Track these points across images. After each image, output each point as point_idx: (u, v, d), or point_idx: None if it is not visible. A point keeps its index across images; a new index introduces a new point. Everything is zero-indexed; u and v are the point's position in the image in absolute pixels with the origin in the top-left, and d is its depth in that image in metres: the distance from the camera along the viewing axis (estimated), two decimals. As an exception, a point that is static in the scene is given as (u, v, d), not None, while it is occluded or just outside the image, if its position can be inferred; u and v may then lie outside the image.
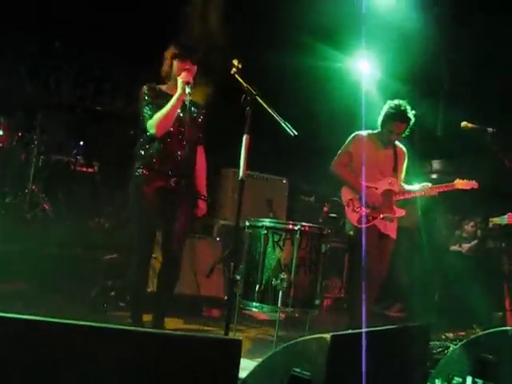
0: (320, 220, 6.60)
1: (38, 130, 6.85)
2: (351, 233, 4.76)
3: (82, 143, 7.70)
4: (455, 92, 8.34)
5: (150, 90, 3.97)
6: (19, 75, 8.24)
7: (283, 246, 4.34)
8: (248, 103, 3.58)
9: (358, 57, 8.06)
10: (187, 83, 3.87)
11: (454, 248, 7.78)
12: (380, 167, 4.85)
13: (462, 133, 4.67)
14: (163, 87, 4.06)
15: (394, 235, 4.81)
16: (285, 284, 4.18)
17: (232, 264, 3.55)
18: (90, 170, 7.76)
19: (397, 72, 7.94)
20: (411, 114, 4.74)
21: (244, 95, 3.59)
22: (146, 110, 3.90)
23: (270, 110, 3.62)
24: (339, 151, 4.88)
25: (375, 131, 4.91)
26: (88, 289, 5.32)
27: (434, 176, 8.16)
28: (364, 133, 4.88)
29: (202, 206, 4.18)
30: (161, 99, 3.93)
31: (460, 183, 4.87)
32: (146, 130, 3.92)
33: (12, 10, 7.38)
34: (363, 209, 4.72)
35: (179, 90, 3.87)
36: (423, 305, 6.72)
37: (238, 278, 4.38)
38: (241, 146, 3.53)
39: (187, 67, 3.94)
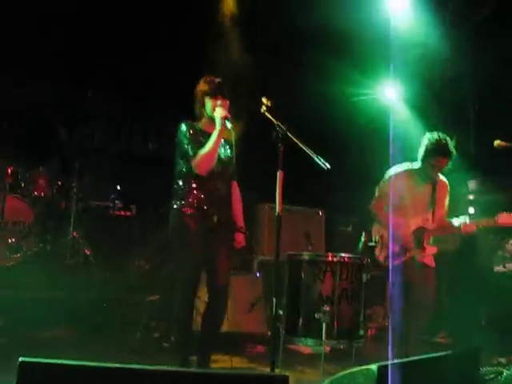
0: (359, 250, 6.57)
1: (75, 177, 7.04)
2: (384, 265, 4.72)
3: (118, 187, 7.85)
4: (485, 110, 8.29)
5: (189, 128, 4.00)
6: (54, 124, 8.50)
7: (324, 278, 4.37)
8: (279, 139, 3.64)
9: (385, 84, 8.11)
10: (226, 118, 3.91)
11: (498, 269, 7.63)
12: (416, 204, 4.72)
13: (496, 151, 4.60)
14: (199, 125, 4.09)
15: (432, 264, 4.74)
16: (328, 316, 4.19)
17: (274, 299, 3.55)
18: (128, 213, 7.89)
19: (424, 94, 7.95)
20: (452, 146, 4.62)
21: (275, 132, 3.66)
22: (188, 149, 3.92)
23: (301, 145, 3.68)
24: (376, 191, 4.85)
25: (415, 166, 4.78)
26: (133, 331, 5.39)
27: (471, 197, 8.06)
28: (401, 169, 4.79)
29: (240, 238, 4.17)
30: (200, 136, 3.97)
31: (503, 218, 4.43)
32: (184, 170, 3.96)
33: (42, 60, 7.68)
34: (391, 247, 4.63)
35: (218, 127, 3.89)
36: (471, 329, 6.58)
37: (281, 312, 4.40)
38: (275, 181, 3.59)
39: (219, 103, 3.98)
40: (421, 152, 4.71)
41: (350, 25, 7.02)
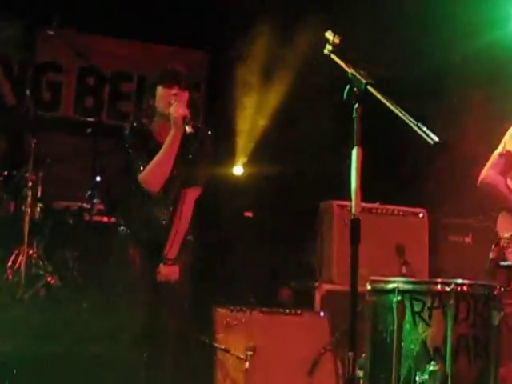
0: (484, 272, 6.56)
1: (31, 164, 7.07)
2: None
3: (98, 179, 7.81)
4: None
5: (135, 132, 4.71)
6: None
7: (430, 318, 4.37)
8: (355, 96, 3.66)
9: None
10: (184, 118, 4.41)
11: None
12: None
13: None
14: (150, 127, 4.77)
15: None
16: (437, 380, 4.20)
17: (349, 353, 3.60)
18: (112, 219, 7.74)
19: None
20: None
21: (348, 85, 3.67)
22: (137, 161, 4.64)
23: (391, 106, 3.66)
24: (500, 146, 4.90)
25: None
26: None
27: None
28: None
29: (163, 270, 4.82)
30: (149, 142, 4.68)
31: None
32: (131, 185, 4.76)
33: None
34: None
35: (173, 130, 4.47)
36: None
37: (360, 374, 4.43)
38: (347, 168, 3.59)
39: (174, 92, 4.52)
40: None
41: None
